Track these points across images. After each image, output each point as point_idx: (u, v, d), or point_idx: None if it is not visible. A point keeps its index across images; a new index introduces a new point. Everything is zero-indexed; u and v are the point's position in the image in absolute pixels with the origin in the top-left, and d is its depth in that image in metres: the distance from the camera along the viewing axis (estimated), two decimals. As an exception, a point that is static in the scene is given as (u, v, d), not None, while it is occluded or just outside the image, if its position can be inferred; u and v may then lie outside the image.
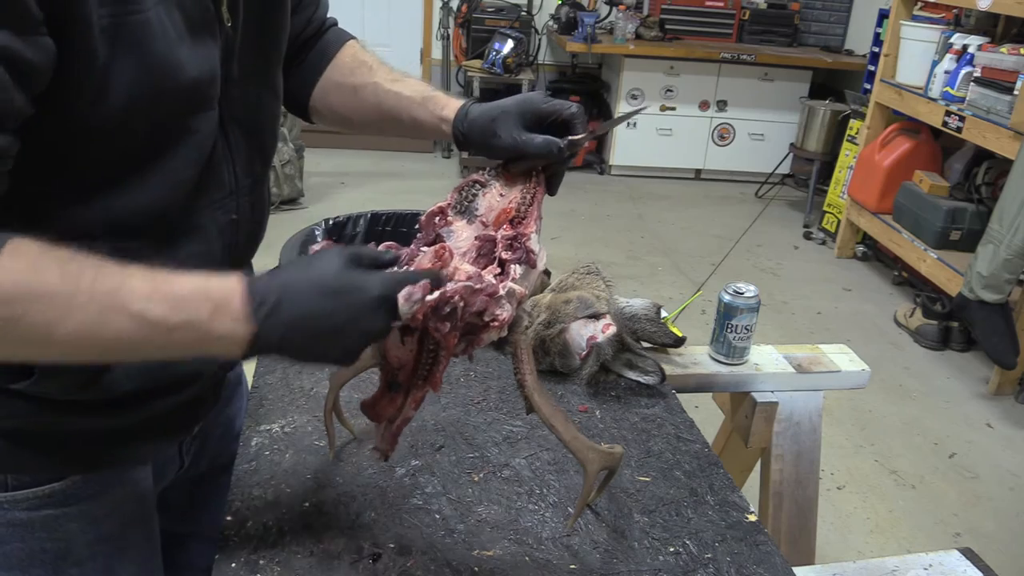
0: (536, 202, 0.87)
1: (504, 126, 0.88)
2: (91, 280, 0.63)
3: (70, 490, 0.86)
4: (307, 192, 4.56)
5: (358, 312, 0.69)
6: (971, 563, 1.13)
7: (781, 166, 5.20)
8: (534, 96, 0.90)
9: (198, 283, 0.66)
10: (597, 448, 0.88)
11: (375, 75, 1.01)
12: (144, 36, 0.67)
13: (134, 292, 0.63)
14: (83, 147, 0.68)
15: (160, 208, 0.76)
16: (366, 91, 1.01)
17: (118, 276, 0.64)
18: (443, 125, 0.95)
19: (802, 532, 1.55)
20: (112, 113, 0.67)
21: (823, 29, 5.71)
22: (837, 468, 2.67)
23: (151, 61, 0.68)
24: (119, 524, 0.92)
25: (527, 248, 0.83)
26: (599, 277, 1.39)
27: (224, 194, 0.85)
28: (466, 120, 0.92)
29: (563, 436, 0.86)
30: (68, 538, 0.88)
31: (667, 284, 3.96)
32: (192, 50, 0.73)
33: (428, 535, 0.94)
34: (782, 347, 1.56)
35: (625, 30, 5.15)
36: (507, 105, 0.89)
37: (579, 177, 5.42)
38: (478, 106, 0.93)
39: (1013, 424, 3.02)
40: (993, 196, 3.50)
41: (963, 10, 3.78)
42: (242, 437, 1.09)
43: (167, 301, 0.64)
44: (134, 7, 0.66)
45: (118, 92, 0.67)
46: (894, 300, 4.00)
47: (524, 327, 0.86)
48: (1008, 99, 3.22)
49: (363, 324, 0.69)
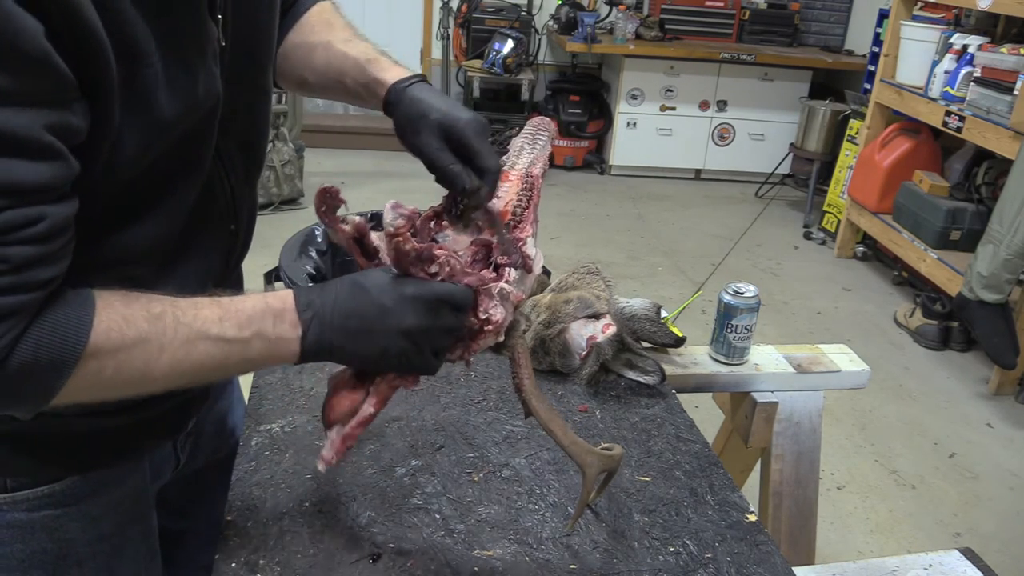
0: (532, 206, 0.86)
1: (427, 130, 0.84)
2: (172, 318, 0.69)
3: (69, 490, 0.87)
4: (307, 192, 4.56)
5: (388, 310, 0.73)
6: (971, 563, 1.13)
7: (781, 166, 5.21)
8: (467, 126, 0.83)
9: (257, 299, 0.74)
10: (595, 451, 0.87)
11: (331, 33, 0.97)
12: (152, 90, 0.67)
13: (208, 319, 0.71)
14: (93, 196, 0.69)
15: (163, 234, 0.77)
16: (319, 50, 0.97)
17: (191, 309, 0.71)
18: (378, 88, 0.90)
19: (802, 532, 1.55)
20: (123, 165, 0.68)
21: (823, 29, 5.71)
22: (837, 468, 2.67)
23: (158, 112, 0.69)
24: (117, 523, 0.93)
25: (522, 252, 0.83)
26: (599, 277, 1.39)
27: (221, 209, 0.85)
28: (401, 96, 0.87)
29: (561, 441, 0.85)
30: (68, 538, 0.88)
31: (667, 284, 3.96)
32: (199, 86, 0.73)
33: (428, 535, 0.94)
34: (782, 347, 1.56)
35: (625, 30, 5.15)
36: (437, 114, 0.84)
37: (579, 177, 5.41)
38: (418, 91, 0.87)
39: (1013, 424, 3.02)
40: (993, 196, 3.50)
41: (963, 10, 3.78)
42: (242, 437, 1.09)
43: (237, 319, 0.72)
44: (145, 62, 0.66)
45: (131, 144, 0.68)
46: (894, 300, 4.00)
47: (522, 331, 0.86)
48: (1008, 99, 3.22)
49: (392, 320, 0.73)
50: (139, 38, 0.65)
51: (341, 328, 0.74)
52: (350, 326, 0.74)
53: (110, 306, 0.67)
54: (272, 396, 1.19)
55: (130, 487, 0.94)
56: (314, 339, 0.73)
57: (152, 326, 0.68)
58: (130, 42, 0.64)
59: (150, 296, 0.70)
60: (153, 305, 0.69)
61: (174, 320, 0.69)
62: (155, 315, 0.69)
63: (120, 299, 0.68)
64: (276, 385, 1.22)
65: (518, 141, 0.95)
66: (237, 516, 0.94)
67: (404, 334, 0.74)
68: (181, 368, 0.70)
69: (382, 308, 0.74)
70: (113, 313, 0.67)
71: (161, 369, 0.69)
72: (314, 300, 0.74)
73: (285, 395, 1.19)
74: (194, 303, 0.71)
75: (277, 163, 4.35)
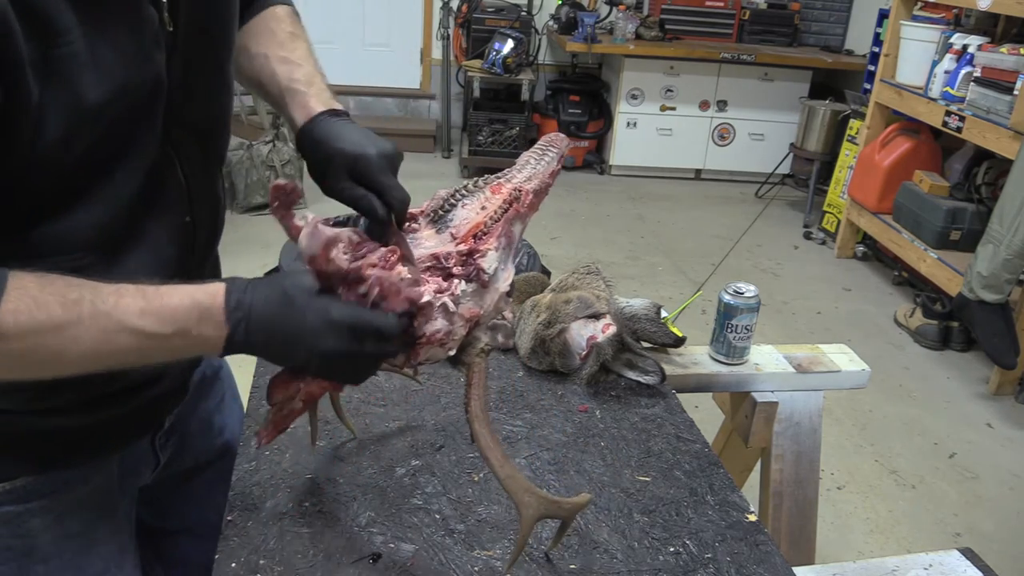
0: (505, 220, 0.83)
1: (333, 173, 0.84)
2: (90, 305, 0.68)
3: (31, 486, 0.86)
4: (307, 192, 4.55)
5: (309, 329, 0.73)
6: (971, 563, 1.13)
7: (781, 166, 5.21)
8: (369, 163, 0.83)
9: (186, 293, 0.72)
10: (536, 492, 0.81)
11: (270, 46, 0.96)
12: (73, 68, 0.66)
13: (128, 310, 0.69)
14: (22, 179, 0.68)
15: (105, 222, 0.76)
16: (257, 61, 0.96)
17: (112, 297, 0.69)
18: (292, 127, 0.91)
19: (802, 532, 1.55)
20: (51, 145, 0.67)
21: (823, 29, 5.71)
22: (837, 468, 2.67)
23: (83, 92, 0.67)
24: (83, 521, 0.92)
25: (478, 266, 0.80)
26: (599, 277, 1.39)
27: (173, 199, 0.83)
28: (307, 138, 0.88)
29: (498, 473, 0.80)
30: (32, 535, 0.88)
31: (667, 284, 3.96)
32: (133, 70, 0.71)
33: (428, 535, 0.94)
34: (782, 347, 1.56)
35: (625, 30, 5.15)
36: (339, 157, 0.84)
37: (579, 177, 5.41)
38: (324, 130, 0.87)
39: (1013, 424, 3.02)
40: (993, 196, 3.50)
41: (963, 10, 3.78)
42: (242, 437, 1.09)
43: (159, 315, 0.70)
44: (62, 39, 0.65)
45: (56, 125, 0.67)
46: (894, 300, 4.00)
47: (480, 349, 0.83)
48: (1008, 99, 3.22)
49: (311, 341, 0.73)
50: (53, 15, 0.64)
51: (266, 335, 0.73)
52: (273, 335, 0.73)
53: (22, 288, 0.65)
54: (272, 396, 1.19)
55: (96, 485, 0.93)
56: (240, 341, 0.72)
57: (67, 312, 0.67)
58: (43, 18, 0.64)
59: (68, 280, 0.68)
60: (70, 290, 0.67)
61: (91, 307, 0.68)
62: (71, 300, 0.67)
63: (35, 281, 0.66)
64: (276, 385, 1.21)
65: (525, 155, 0.93)
66: (237, 516, 0.94)
67: (323, 356, 0.74)
68: (98, 356, 0.69)
69: (302, 326, 0.73)
70: (24, 295, 0.65)
71: (75, 356, 0.68)
72: (243, 300, 0.72)
73: (285, 395, 1.19)
74: (116, 290, 0.69)
75: (277, 163, 4.34)
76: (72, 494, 0.90)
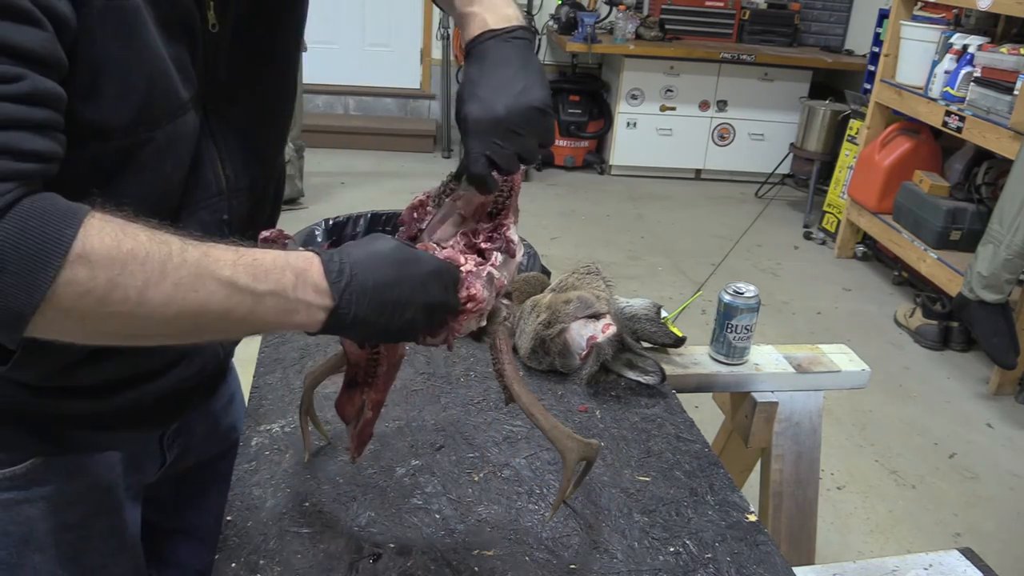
0: (513, 195, 0.87)
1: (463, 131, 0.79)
2: (180, 245, 0.61)
3: (31, 474, 0.86)
4: (307, 192, 4.56)
5: (419, 283, 0.72)
6: (971, 563, 1.13)
7: (781, 166, 5.20)
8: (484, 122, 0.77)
9: (277, 254, 0.67)
10: (576, 437, 0.88)
11: None
12: (136, 23, 0.66)
13: (220, 260, 0.63)
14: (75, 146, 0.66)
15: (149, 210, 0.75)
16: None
17: (203, 245, 0.63)
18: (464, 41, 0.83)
19: (802, 532, 1.55)
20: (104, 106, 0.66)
21: (823, 29, 5.71)
22: (837, 468, 2.67)
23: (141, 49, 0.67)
24: (82, 514, 0.92)
25: (507, 237, 0.84)
26: (599, 277, 1.39)
27: (210, 195, 0.83)
28: (467, 62, 0.81)
29: (543, 424, 0.86)
30: (30, 523, 0.88)
31: (667, 284, 3.96)
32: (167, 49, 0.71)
33: (428, 535, 0.94)
34: (782, 347, 1.56)
35: (625, 30, 5.16)
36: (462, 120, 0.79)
37: (579, 177, 5.41)
38: (479, 57, 0.80)
39: (1013, 424, 3.02)
40: (993, 196, 3.50)
41: (963, 10, 3.78)
42: (242, 437, 1.09)
43: (253, 269, 0.64)
44: None
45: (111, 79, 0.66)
46: (894, 300, 4.00)
47: (503, 318, 0.86)
48: (1008, 99, 3.22)
49: (423, 295, 0.72)
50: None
51: (378, 301, 0.69)
52: (387, 298, 0.69)
53: (106, 217, 0.60)
54: (272, 396, 1.19)
55: (97, 479, 0.93)
56: (346, 312, 0.67)
57: (155, 245, 0.60)
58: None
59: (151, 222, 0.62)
60: (156, 232, 0.61)
61: (181, 247, 0.61)
62: (158, 237, 0.60)
63: (120, 215, 0.61)
64: (276, 385, 1.22)
65: None
66: (237, 516, 0.94)
67: (427, 308, 0.73)
68: (183, 304, 0.61)
69: (415, 281, 0.72)
70: (110, 220, 0.59)
71: (160, 298, 0.59)
72: (345, 268, 0.68)
73: (285, 395, 1.19)
74: (208, 242, 0.63)
75: (277, 163, 4.34)
76: (71, 485, 0.90)
